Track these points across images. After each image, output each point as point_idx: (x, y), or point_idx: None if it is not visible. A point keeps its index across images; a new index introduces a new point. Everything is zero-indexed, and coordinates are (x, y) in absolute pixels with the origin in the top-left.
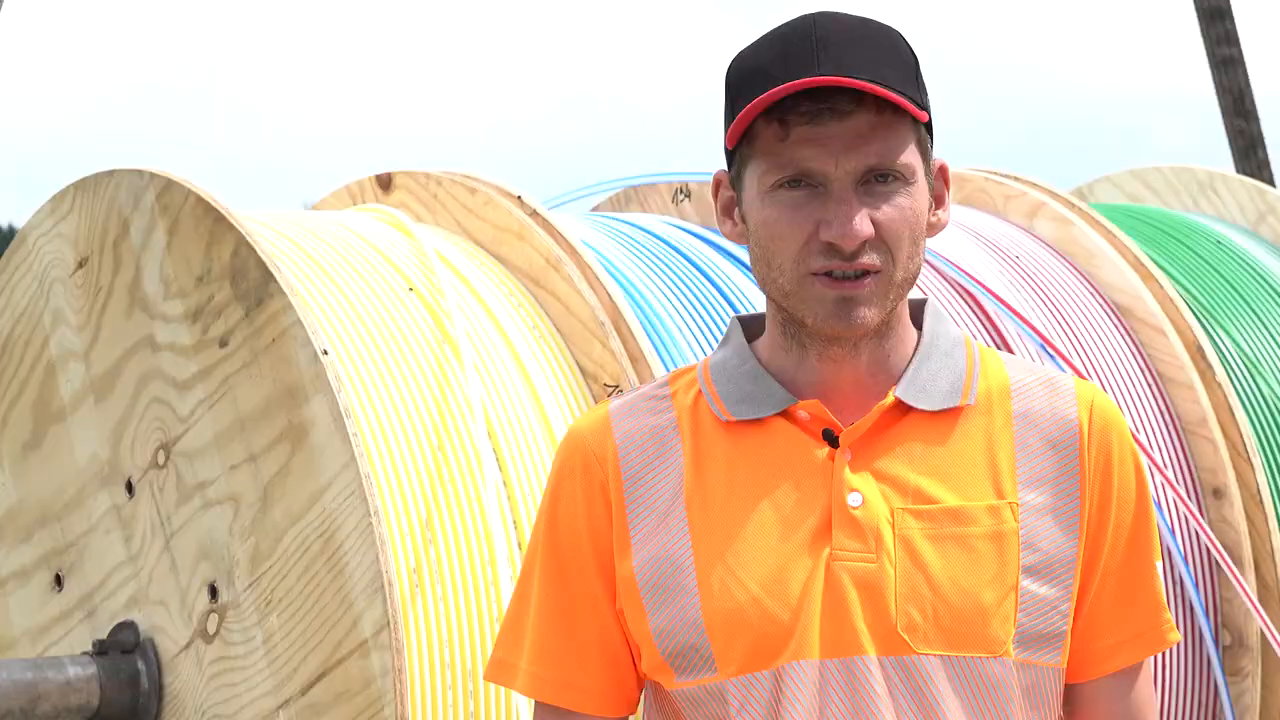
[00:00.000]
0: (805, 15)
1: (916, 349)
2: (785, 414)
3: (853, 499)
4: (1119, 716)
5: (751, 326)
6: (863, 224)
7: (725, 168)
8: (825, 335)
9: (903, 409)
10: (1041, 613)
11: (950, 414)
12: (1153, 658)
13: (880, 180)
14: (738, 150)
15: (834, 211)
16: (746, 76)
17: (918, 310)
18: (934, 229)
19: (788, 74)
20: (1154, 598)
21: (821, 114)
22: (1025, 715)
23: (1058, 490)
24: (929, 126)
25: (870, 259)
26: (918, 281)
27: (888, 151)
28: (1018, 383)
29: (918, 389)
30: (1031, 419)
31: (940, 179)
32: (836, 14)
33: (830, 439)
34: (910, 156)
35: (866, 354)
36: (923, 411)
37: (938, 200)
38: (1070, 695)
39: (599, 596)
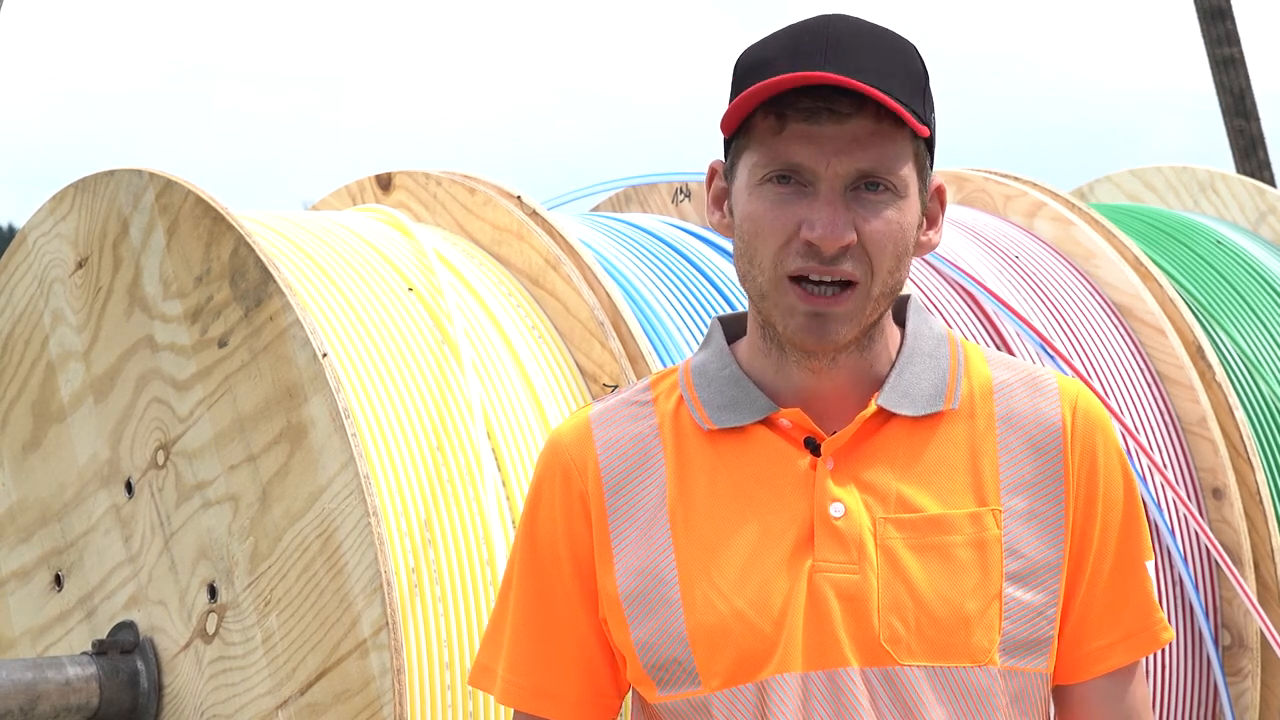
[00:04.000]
0: (822, 15)
1: (900, 351)
2: (767, 421)
3: (835, 509)
4: (1113, 717)
5: (733, 327)
6: (845, 228)
7: (723, 158)
8: (795, 347)
9: (885, 415)
10: (1027, 619)
11: (933, 419)
12: (1149, 658)
13: (870, 189)
14: (734, 140)
15: (818, 212)
16: (752, 66)
17: (900, 307)
18: (923, 249)
19: (793, 67)
20: (1145, 598)
21: (819, 113)
22: None
23: (1041, 494)
24: (930, 144)
25: (849, 268)
26: (918, 282)
27: (881, 159)
28: (1000, 382)
29: (900, 394)
30: (1014, 421)
31: (936, 200)
32: (853, 18)
33: (812, 447)
34: (905, 170)
35: (847, 365)
36: (905, 417)
37: (930, 220)
38: (1063, 697)
39: (577, 606)
